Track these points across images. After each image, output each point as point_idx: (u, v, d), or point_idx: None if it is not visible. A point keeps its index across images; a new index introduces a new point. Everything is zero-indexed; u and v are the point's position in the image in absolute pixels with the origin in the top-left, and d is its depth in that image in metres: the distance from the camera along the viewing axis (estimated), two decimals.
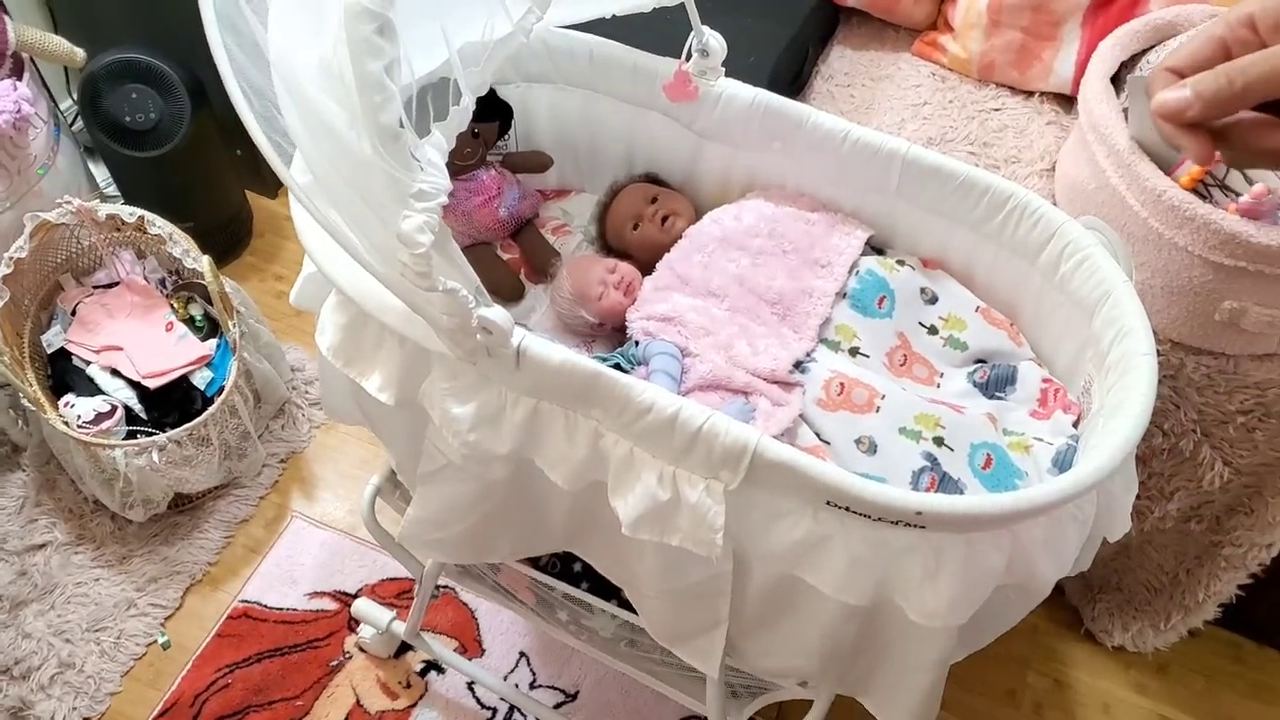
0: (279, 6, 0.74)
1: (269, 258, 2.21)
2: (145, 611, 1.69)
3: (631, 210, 1.22)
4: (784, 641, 1.00)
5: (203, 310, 1.84)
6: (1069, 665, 1.65)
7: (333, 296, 1.02)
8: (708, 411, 0.83)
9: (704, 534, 0.86)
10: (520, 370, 0.87)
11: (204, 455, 1.68)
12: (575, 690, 1.60)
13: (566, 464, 0.92)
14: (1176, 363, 1.22)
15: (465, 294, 0.81)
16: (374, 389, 0.99)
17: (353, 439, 1.91)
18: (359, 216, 0.81)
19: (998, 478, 0.98)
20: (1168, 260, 1.15)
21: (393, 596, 1.71)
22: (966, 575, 0.84)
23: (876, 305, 1.10)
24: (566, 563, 1.26)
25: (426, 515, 1.08)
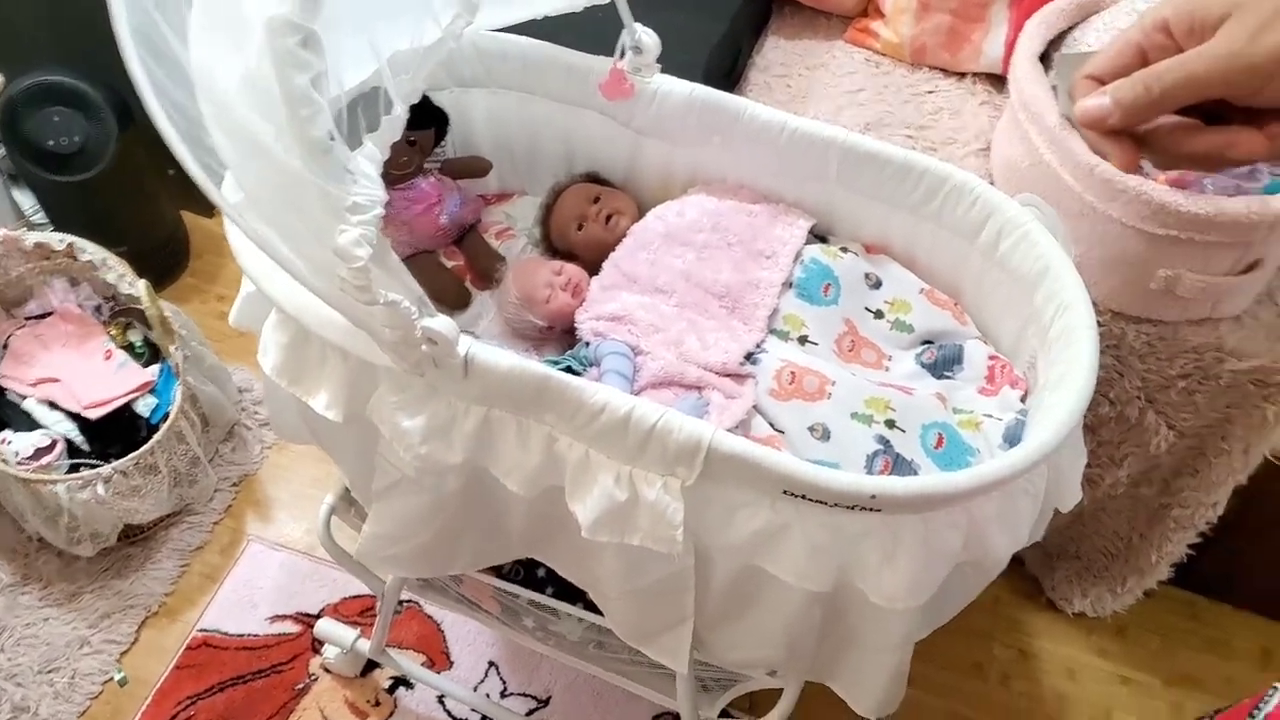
0: (198, 22, 0.72)
1: (209, 278, 2.17)
2: (100, 649, 1.65)
3: (575, 211, 1.22)
4: (750, 632, 1.00)
5: (142, 336, 1.80)
6: (1032, 635, 1.68)
7: (273, 315, 1.00)
8: (661, 409, 0.83)
9: (664, 531, 0.86)
10: (469, 379, 0.86)
11: (152, 484, 1.64)
12: (547, 696, 1.60)
13: (522, 470, 0.91)
14: (1118, 332, 1.25)
15: (407, 305, 0.80)
16: (321, 407, 0.98)
17: (306, 458, 1.88)
18: (294, 233, 0.80)
19: (950, 456, 0.99)
20: (1103, 232, 1.17)
21: (356, 614, 1.69)
22: (924, 555, 0.85)
23: (822, 293, 1.10)
24: (530, 569, 1.25)
25: (383, 531, 1.06)
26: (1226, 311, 1.23)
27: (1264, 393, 1.24)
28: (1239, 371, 1.23)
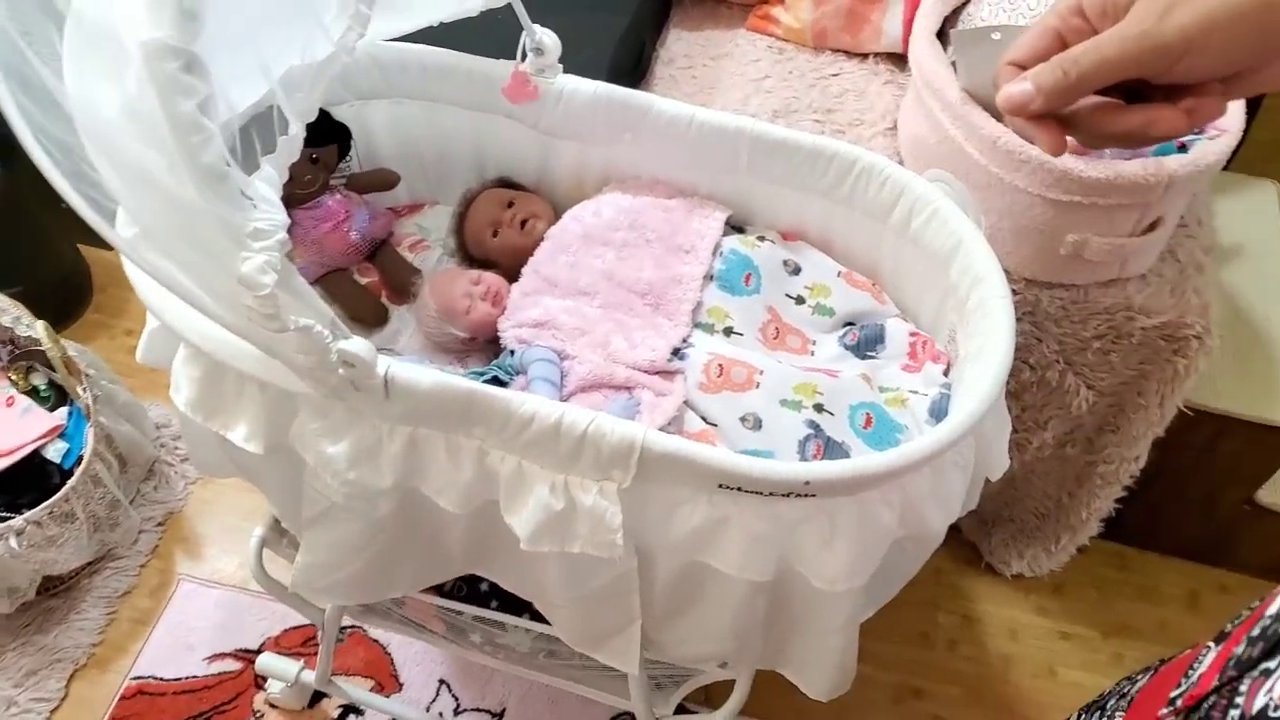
0: (71, 52, 0.69)
1: (115, 313, 2.09)
2: (27, 708, 1.58)
3: (488, 217, 1.20)
4: (698, 627, 1.00)
5: (46, 379, 1.73)
6: (974, 600, 1.71)
7: (182, 349, 0.97)
8: (591, 414, 0.82)
9: (603, 536, 0.85)
10: (390, 400, 0.84)
11: (70, 532, 1.58)
12: (502, 708, 1.58)
13: (454, 488, 0.90)
14: (1032, 299, 1.27)
15: (320, 329, 0.78)
16: (240, 440, 0.95)
17: (232, 490, 1.83)
18: (195, 265, 0.77)
19: (879, 435, 1.00)
20: (1011, 202, 1.19)
21: (299, 645, 1.64)
22: (862, 536, 0.86)
23: (744, 283, 1.10)
24: (473, 584, 1.23)
25: (317, 560, 1.04)
26: (1133, 271, 1.26)
27: (1174, 346, 1.28)
28: (1149, 328, 1.26)
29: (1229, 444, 1.52)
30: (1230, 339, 1.53)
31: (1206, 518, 1.70)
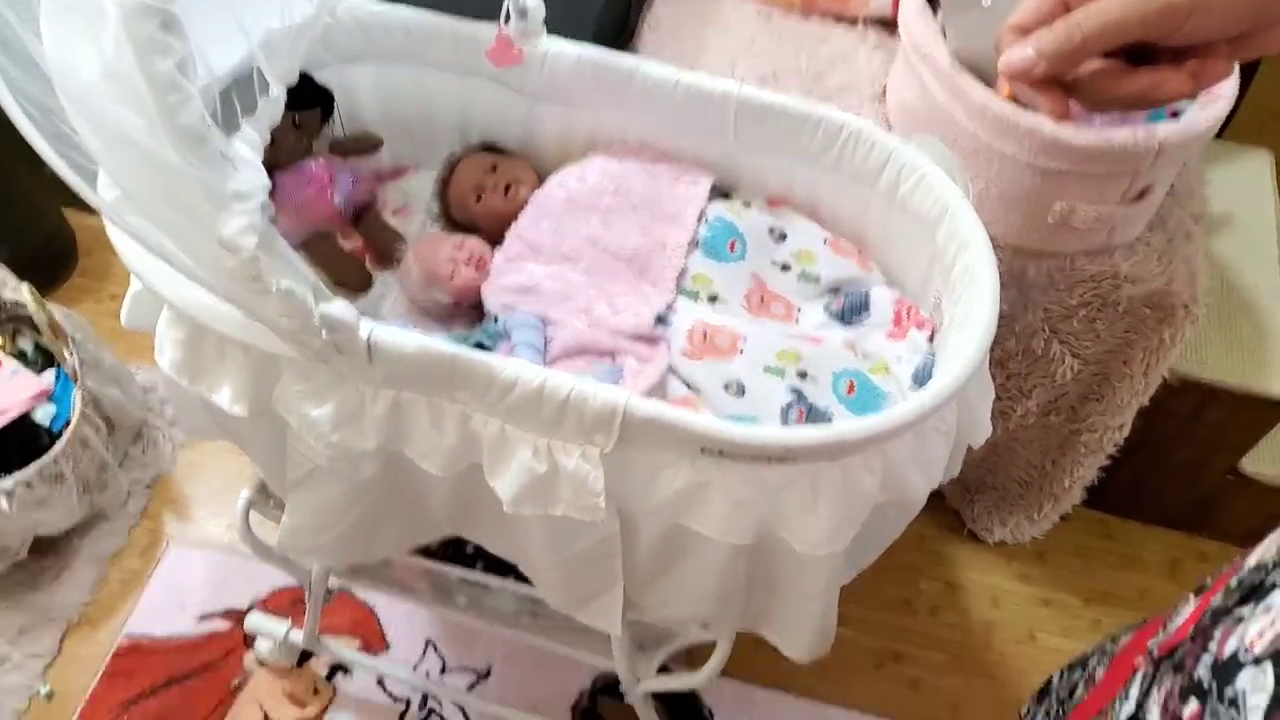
0: (49, 12, 0.68)
1: (100, 277, 2.08)
2: (21, 665, 1.59)
3: (472, 182, 1.19)
4: (679, 590, 1.01)
5: (33, 342, 1.72)
6: (957, 567, 1.73)
7: (166, 312, 0.97)
8: (573, 379, 0.82)
9: (586, 500, 0.86)
10: (374, 363, 0.84)
11: (59, 494, 1.58)
12: (487, 668, 1.60)
13: (438, 452, 0.90)
14: (1019, 268, 1.28)
15: (302, 292, 0.78)
16: (225, 403, 0.95)
17: (219, 453, 1.83)
18: (177, 227, 0.76)
19: (862, 401, 1.00)
20: (999, 170, 1.19)
21: (287, 605, 1.66)
22: (844, 501, 0.86)
23: (729, 250, 1.10)
24: (458, 546, 1.24)
25: (302, 522, 1.04)
26: (1121, 239, 1.26)
27: (1159, 315, 1.28)
28: (1135, 297, 1.27)
29: (1214, 413, 1.53)
30: (1217, 308, 1.54)
31: (1190, 486, 1.71)
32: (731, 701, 1.56)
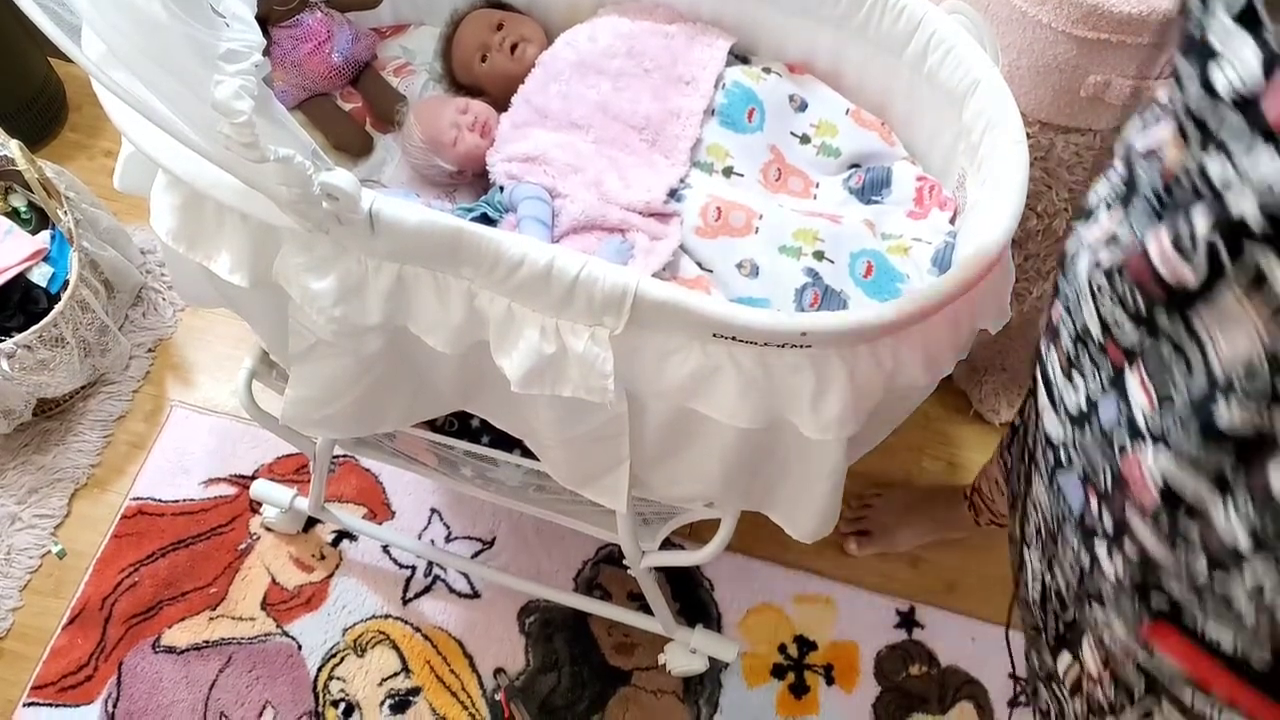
0: None
1: (92, 132, 2.01)
2: (31, 524, 1.62)
3: (477, 40, 1.13)
4: (686, 470, 1.00)
5: (25, 201, 1.68)
6: (960, 447, 1.73)
7: (161, 176, 0.93)
8: (583, 259, 0.79)
9: (595, 381, 0.84)
10: (376, 235, 0.81)
11: (61, 356, 1.57)
12: (491, 537, 1.62)
13: (444, 328, 0.88)
14: (1046, 143, 1.22)
15: (301, 160, 0.74)
16: (224, 272, 0.92)
17: (221, 318, 1.81)
18: (167, 89, 0.72)
19: (879, 284, 0.98)
20: (1032, 39, 1.12)
21: (292, 472, 1.67)
22: (854, 386, 0.85)
23: (746, 119, 1.06)
24: (464, 419, 1.24)
25: (306, 395, 1.03)
26: None
27: None
28: None
29: None
30: None
31: None
32: (731, 574, 1.59)
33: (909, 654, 1.56)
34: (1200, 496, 0.51)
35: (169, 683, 1.49)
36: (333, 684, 1.50)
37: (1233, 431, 0.47)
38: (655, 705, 1.50)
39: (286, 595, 1.56)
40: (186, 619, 1.54)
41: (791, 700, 1.52)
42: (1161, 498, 0.52)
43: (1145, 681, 0.64)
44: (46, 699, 1.48)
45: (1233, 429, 0.47)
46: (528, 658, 1.53)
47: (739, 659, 1.53)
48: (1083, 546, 0.63)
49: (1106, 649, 0.67)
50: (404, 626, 1.54)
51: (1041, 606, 0.79)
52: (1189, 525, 0.52)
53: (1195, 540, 0.52)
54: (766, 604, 1.58)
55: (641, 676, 1.52)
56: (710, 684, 1.52)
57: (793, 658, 1.55)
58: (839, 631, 1.57)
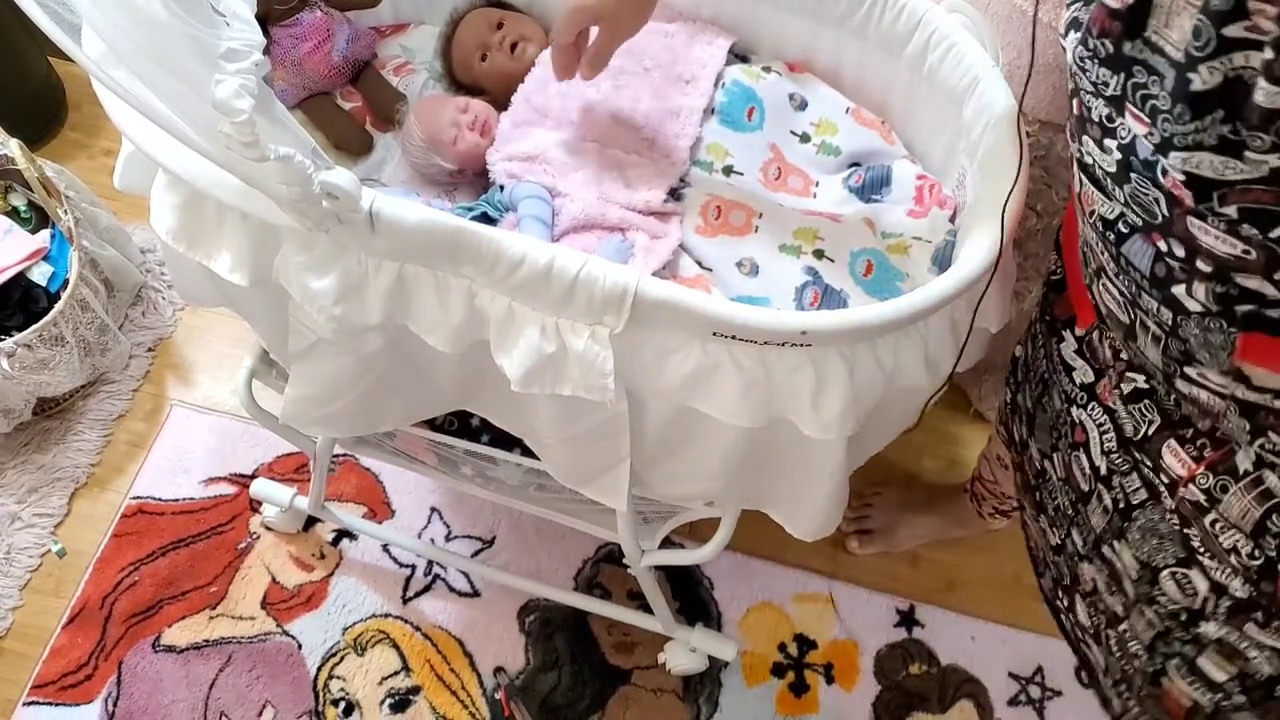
0: None
1: (92, 132, 2.02)
2: (31, 523, 1.62)
3: (476, 39, 1.13)
4: (686, 469, 1.00)
5: (25, 200, 1.68)
6: (960, 445, 1.73)
7: (161, 175, 0.93)
8: (583, 258, 0.79)
9: (595, 380, 0.84)
10: (376, 234, 0.81)
11: (61, 355, 1.57)
12: (492, 536, 1.62)
13: (444, 327, 0.88)
14: (1046, 142, 1.22)
15: (301, 159, 0.74)
16: (224, 271, 0.92)
17: (221, 317, 1.82)
18: (167, 88, 0.72)
19: (879, 283, 0.98)
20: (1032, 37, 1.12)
21: (292, 471, 1.67)
22: (854, 385, 0.85)
23: (746, 118, 1.05)
24: (464, 418, 1.24)
25: (307, 394, 1.03)
26: None
27: None
28: None
29: None
30: None
31: None
32: (731, 573, 1.59)
33: (909, 653, 1.56)
34: (1216, 167, 0.57)
35: (169, 682, 1.50)
36: (333, 683, 1.50)
37: (1208, 87, 0.56)
38: (655, 704, 1.50)
39: (286, 594, 1.56)
40: (186, 618, 1.54)
41: (791, 699, 1.52)
42: (1193, 189, 0.59)
43: (1250, 429, 0.71)
44: (47, 698, 1.49)
45: (1208, 85, 0.56)
46: (528, 656, 1.53)
47: (739, 658, 1.53)
48: (1162, 304, 0.70)
49: (1198, 436, 0.75)
50: (404, 625, 1.55)
51: (1110, 452, 0.86)
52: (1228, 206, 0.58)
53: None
54: (766, 603, 1.58)
55: (641, 675, 1.52)
56: (710, 683, 1.52)
57: (793, 656, 1.55)
58: (839, 630, 1.57)
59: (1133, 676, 0.90)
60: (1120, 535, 0.86)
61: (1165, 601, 0.82)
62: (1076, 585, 0.96)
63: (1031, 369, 1.00)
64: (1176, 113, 0.58)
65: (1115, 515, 0.86)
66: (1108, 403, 0.85)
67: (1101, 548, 0.88)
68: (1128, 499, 0.84)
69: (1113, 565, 0.88)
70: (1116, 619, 0.88)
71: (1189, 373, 0.72)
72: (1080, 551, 0.93)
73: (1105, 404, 0.86)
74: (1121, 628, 0.88)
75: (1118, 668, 0.92)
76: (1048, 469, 0.97)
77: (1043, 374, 0.97)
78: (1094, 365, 0.87)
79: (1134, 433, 0.82)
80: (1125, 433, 0.83)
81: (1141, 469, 0.83)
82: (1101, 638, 0.93)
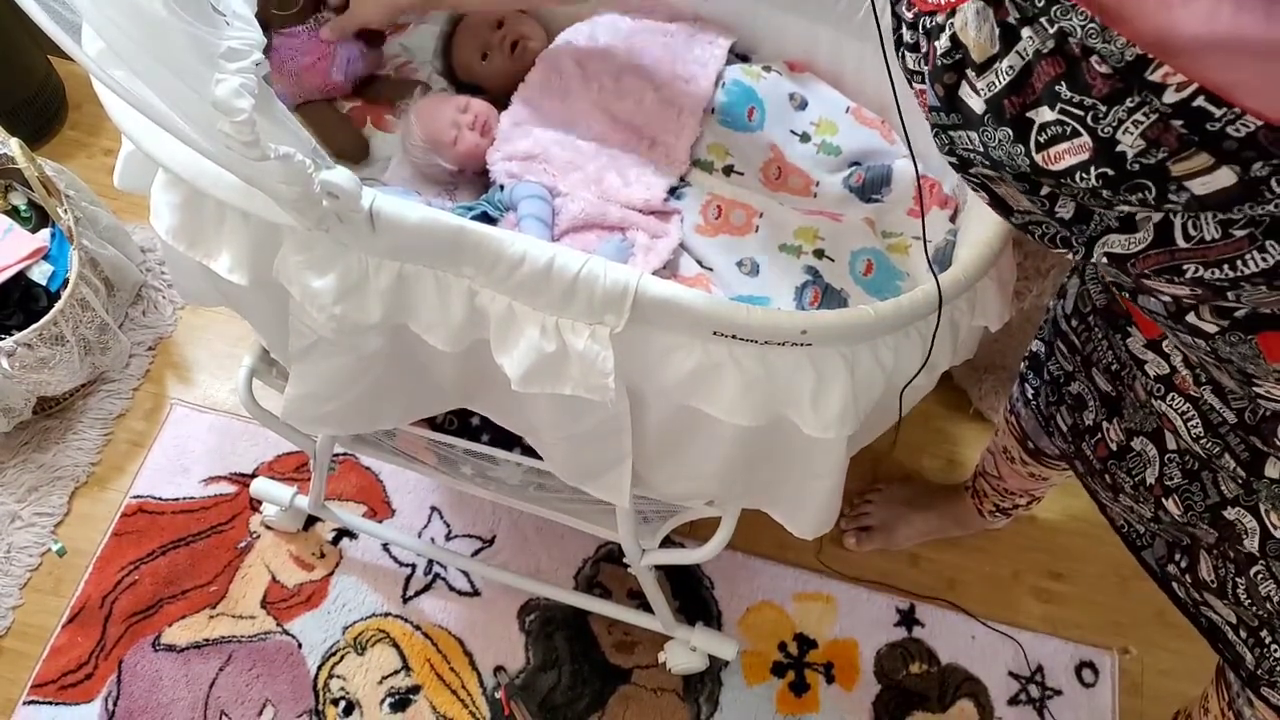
0: None
1: (92, 131, 2.02)
2: (31, 522, 1.62)
3: (477, 39, 1.13)
4: (687, 468, 1.00)
5: (25, 199, 1.68)
6: (960, 445, 1.73)
7: (161, 174, 0.93)
8: (583, 257, 0.79)
9: (595, 380, 0.84)
10: (377, 233, 0.81)
11: (61, 354, 1.57)
12: (492, 535, 1.62)
13: (444, 327, 0.88)
14: None
15: (301, 159, 0.74)
16: (224, 270, 0.92)
17: (221, 317, 1.82)
18: (167, 86, 0.72)
19: (879, 282, 0.98)
20: None
21: (292, 470, 1.67)
22: (854, 384, 0.85)
23: (746, 118, 1.06)
24: (464, 418, 1.24)
25: (306, 392, 1.03)
26: None
27: None
28: None
29: None
30: None
31: None
32: (731, 572, 1.59)
33: (909, 652, 1.56)
34: (1124, 244, 0.57)
35: (169, 681, 1.50)
36: (333, 682, 1.50)
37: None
38: (655, 703, 1.50)
39: (287, 593, 1.56)
40: (186, 617, 1.54)
41: (791, 698, 1.52)
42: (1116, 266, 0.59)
43: None
44: (47, 697, 1.49)
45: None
46: (528, 656, 1.53)
47: (739, 657, 1.53)
48: (1190, 334, 0.69)
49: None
50: (404, 624, 1.55)
51: (1199, 439, 0.86)
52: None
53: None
54: (766, 602, 1.58)
55: (641, 674, 1.52)
56: (710, 682, 1.52)
57: (793, 656, 1.55)
58: (839, 629, 1.57)
59: (1269, 619, 0.91)
60: (1245, 501, 0.87)
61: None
62: (1197, 542, 0.97)
63: (1095, 359, 1.00)
64: (1074, 234, 0.59)
65: (1234, 484, 0.87)
66: (1189, 392, 0.85)
67: (1222, 511, 0.89)
68: (1233, 475, 0.85)
69: (1232, 526, 0.88)
70: (1251, 561, 0.89)
71: (1258, 390, 0.73)
72: (1180, 520, 0.94)
73: (1186, 394, 0.86)
74: (1254, 570, 0.89)
75: (1250, 614, 0.93)
76: (1135, 447, 0.97)
77: (1109, 364, 0.97)
78: (1168, 363, 0.87)
79: (1237, 418, 0.81)
80: (1213, 419, 0.84)
81: (1233, 450, 0.83)
82: (1227, 588, 0.94)
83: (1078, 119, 0.50)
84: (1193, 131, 0.47)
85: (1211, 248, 0.54)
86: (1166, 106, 0.46)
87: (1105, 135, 0.49)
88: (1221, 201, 0.49)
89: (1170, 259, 0.56)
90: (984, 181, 0.63)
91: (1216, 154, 0.47)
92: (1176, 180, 0.49)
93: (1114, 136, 0.49)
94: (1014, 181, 0.58)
